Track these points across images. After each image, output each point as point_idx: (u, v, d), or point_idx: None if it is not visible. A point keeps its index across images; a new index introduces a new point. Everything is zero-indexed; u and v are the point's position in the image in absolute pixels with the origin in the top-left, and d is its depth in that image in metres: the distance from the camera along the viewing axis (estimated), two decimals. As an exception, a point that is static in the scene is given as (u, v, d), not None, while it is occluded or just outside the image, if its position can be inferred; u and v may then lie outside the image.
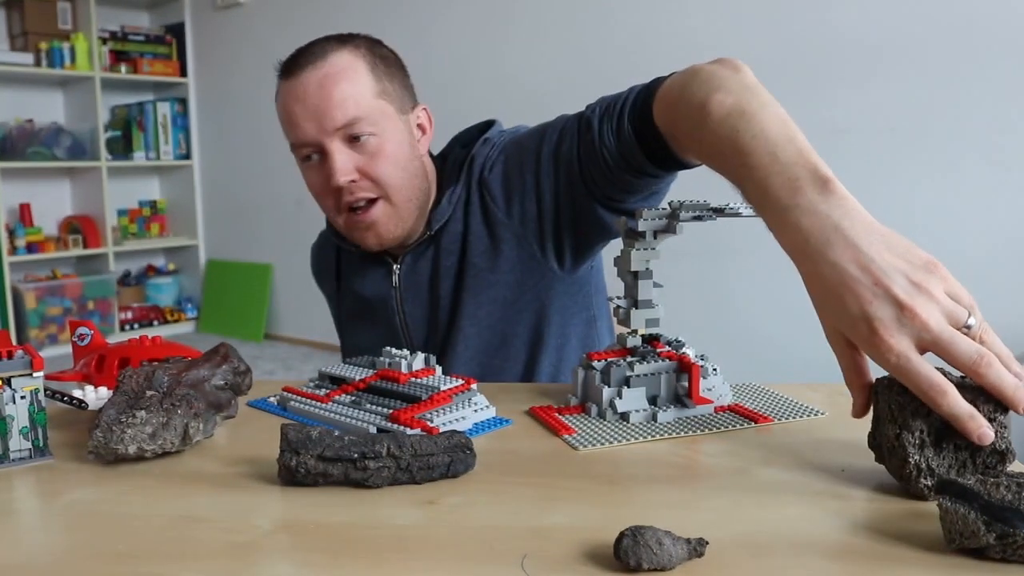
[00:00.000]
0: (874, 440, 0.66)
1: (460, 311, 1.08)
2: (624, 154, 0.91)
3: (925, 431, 0.61)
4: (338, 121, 0.98)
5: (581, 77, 2.96)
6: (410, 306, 1.11)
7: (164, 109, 4.35)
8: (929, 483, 0.60)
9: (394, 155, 1.02)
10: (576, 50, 2.98)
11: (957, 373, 0.64)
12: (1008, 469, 0.62)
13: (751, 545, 0.54)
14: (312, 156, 1.02)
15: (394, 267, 1.10)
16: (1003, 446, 0.61)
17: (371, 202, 1.02)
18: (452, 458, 0.65)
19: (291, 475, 0.63)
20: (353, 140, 1.00)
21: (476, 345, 1.08)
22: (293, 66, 1.02)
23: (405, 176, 1.03)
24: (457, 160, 1.10)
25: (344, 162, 0.99)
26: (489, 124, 1.12)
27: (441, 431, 0.73)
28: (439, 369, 0.85)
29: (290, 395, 0.86)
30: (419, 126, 1.08)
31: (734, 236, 2.62)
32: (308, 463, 0.63)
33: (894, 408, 0.63)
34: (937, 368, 0.63)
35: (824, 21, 2.46)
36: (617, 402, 0.81)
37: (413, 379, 0.82)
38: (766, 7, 2.56)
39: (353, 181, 1.00)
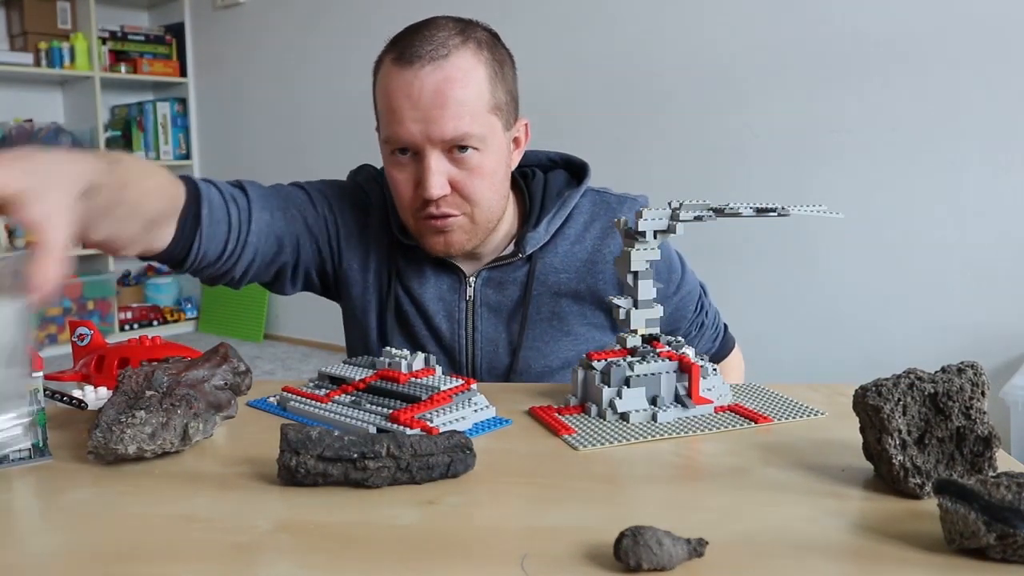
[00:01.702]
0: (867, 451, 0.66)
1: (543, 336, 1.06)
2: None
3: (904, 431, 0.62)
4: (447, 134, 0.93)
5: (581, 79, 2.96)
6: (484, 324, 1.06)
7: (164, 109, 4.34)
8: (919, 480, 0.61)
9: (490, 174, 0.98)
10: (576, 48, 2.98)
11: (930, 370, 0.65)
12: (996, 455, 0.63)
13: (751, 545, 0.54)
14: (403, 152, 0.97)
15: (469, 279, 1.06)
16: (985, 431, 0.62)
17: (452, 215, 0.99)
18: (452, 458, 0.65)
19: (291, 475, 0.63)
20: (453, 151, 0.95)
21: (554, 367, 1.07)
22: (410, 54, 0.93)
23: (494, 197, 1.00)
24: (557, 190, 1.08)
25: (440, 175, 0.94)
26: (583, 166, 1.12)
27: (441, 431, 0.73)
28: (439, 369, 0.85)
29: (290, 395, 0.86)
30: (515, 139, 1.04)
31: (734, 236, 2.62)
32: (308, 463, 0.63)
33: (870, 415, 0.63)
34: (909, 370, 0.64)
35: (825, 21, 2.46)
36: (617, 402, 0.81)
37: (413, 379, 0.82)
38: (766, 7, 2.56)
39: (443, 196, 0.96)
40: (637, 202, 1.10)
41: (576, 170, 1.12)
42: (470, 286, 1.06)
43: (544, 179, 1.09)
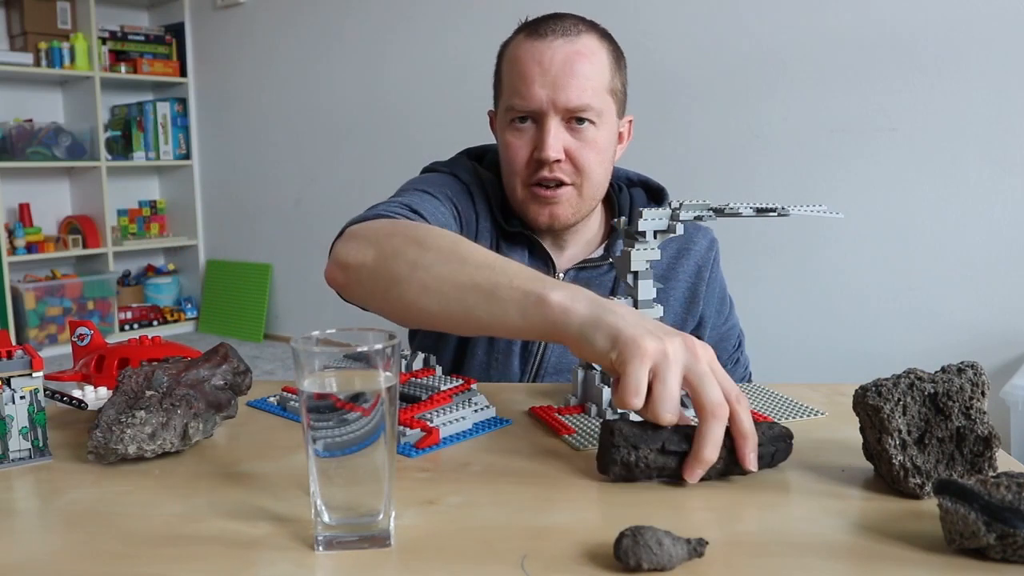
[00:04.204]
0: (867, 451, 0.66)
1: None
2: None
3: (904, 431, 0.62)
4: (572, 102, 0.99)
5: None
6: None
7: (164, 109, 4.34)
8: (919, 480, 0.61)
9: (602, 150, 1.04)
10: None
11: (930, 370, 0.65)
12: (996, 455, 0.63)
13: (751, 545, 0.54)
14: (523, 120, 1.03)
15: (558, 274, 1.09)
16: (986, 432, 0.62)
17: (562, 184, 1.04)
18: (776, 448, 0.66)
19: (629, 471, 0.63)
20: (572, 122, 1.01)
21: None
22: (543, 29, 1.02)
23: (601, 173, 1.06)
24: (641, 206, 1.11)
25: (558, 139, 1.01)
26: (661, 189, 1.17)
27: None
28: (439, 369, 0.85)
29: (290, 395, 0.86)
30: (620, 133, 1.10)
31: (733, 236, 2.62)
32: (648, 457, 0.63)
33: (870, 415, 0.63)
34: (910, 370, 0.65)
35: (824, 21, 2.46)
36: (617, 402, 0.80)
37: (413, 379, 0.82)
38: (764, 7, 2.56)
39: (558, 161, 1.01)
40: (708, 232, 1.17)
41: (654, 192, 1.18)
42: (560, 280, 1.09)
43: (630, 195, 1.16)
